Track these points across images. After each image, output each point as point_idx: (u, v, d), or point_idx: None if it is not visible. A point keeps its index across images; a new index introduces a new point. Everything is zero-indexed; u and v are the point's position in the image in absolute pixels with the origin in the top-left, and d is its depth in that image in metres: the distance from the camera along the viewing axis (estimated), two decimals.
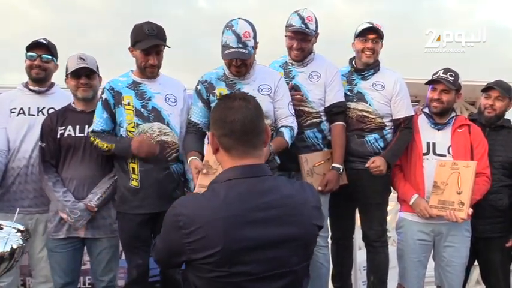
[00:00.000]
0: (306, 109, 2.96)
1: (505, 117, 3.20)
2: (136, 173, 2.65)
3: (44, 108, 2.94)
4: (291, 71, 3.04)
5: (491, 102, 3.12)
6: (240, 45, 2.55)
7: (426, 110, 3.07)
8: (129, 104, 2.67)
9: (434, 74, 3.00)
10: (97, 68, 2.87)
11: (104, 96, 2.72)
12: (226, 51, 2.57)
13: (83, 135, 2.76)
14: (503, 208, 3.03)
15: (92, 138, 2.68)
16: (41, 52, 2.93)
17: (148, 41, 2.59)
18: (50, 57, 2.96)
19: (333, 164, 2.93)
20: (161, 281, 2.88)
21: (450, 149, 2.93)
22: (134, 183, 2.65)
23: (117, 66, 2.96)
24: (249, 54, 2.58)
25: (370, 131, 3.02)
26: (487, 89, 3.17)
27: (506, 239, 3.05)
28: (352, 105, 3.04)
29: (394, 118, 3.04)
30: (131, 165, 2.66)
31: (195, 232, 1.35)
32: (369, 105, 3.02)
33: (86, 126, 2.77)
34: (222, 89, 2.72)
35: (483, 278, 3.29)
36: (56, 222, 2.76)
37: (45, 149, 2.77)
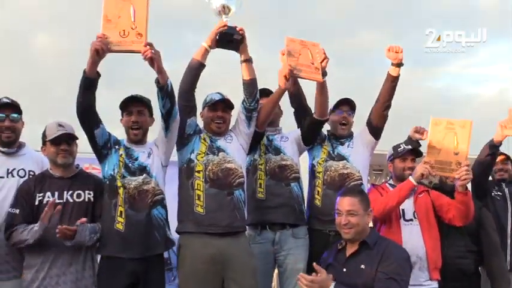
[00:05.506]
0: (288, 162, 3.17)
1: None
2: (123, 216, 2.73)
3: (14, 169, 2.89)
4: None
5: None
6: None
7: (390, 181, 3.29)
8: None
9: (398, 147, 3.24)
10: None
11: None
12: (216, 98, 2.99)
13: (62, 201, 2.78)
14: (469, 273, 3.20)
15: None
16: (8, 112, 2.87)
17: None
18: (18, 115, 2.91)
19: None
20: None
21: (415, 213, 3.07)
22: (119, 226, 2.72)
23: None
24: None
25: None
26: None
27: None
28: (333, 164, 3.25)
29: None
30: (119, 208, 2.73)
31: None
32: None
33: (65, 192, 2.81)
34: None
35: None
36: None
37: (18, 215, 2.70)
